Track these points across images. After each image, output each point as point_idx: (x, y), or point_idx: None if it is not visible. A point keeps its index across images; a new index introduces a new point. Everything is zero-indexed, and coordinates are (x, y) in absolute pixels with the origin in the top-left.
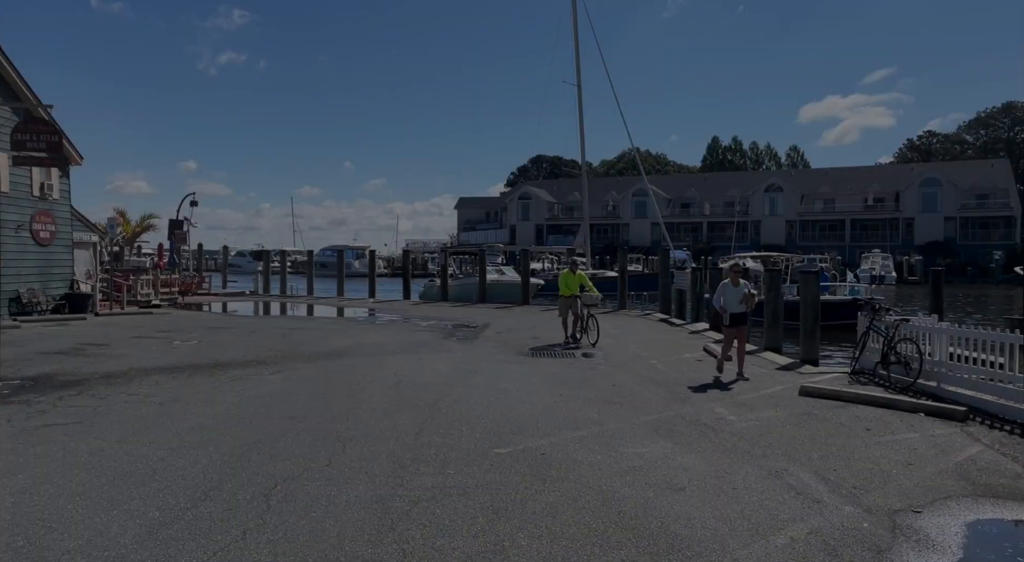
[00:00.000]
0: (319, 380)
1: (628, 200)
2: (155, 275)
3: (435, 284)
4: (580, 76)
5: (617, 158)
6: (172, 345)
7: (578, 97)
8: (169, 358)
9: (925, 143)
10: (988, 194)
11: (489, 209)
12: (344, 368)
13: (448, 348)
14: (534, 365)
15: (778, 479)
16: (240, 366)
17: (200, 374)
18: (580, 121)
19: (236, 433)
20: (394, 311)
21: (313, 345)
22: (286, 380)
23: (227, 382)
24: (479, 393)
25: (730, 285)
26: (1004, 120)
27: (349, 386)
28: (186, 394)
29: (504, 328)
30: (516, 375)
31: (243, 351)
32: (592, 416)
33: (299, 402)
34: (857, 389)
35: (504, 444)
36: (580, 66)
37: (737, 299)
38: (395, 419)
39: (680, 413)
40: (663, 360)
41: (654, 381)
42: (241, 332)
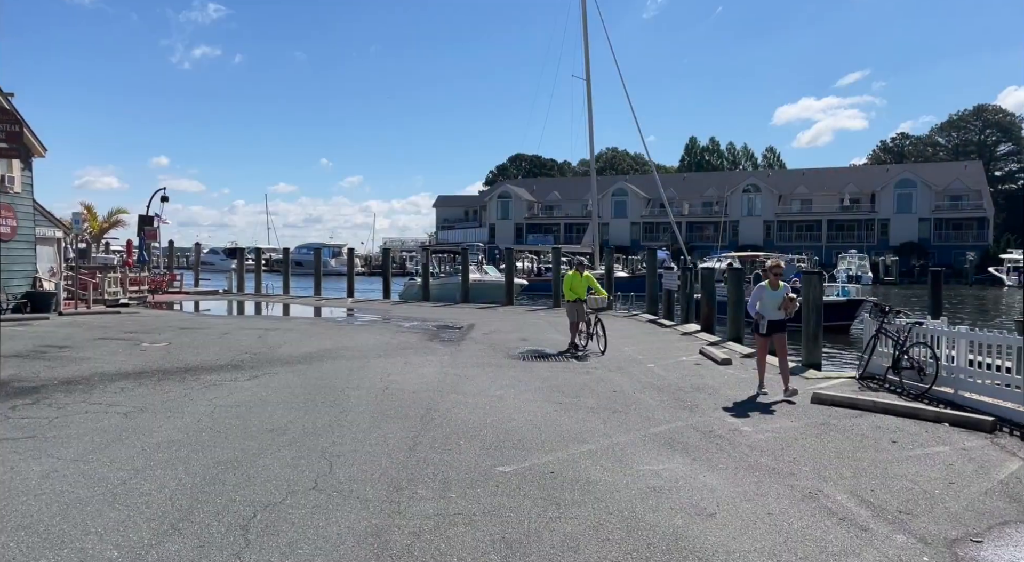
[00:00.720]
0: (299, 386)
1: (607, 199)
2: (123, 273)
3: (416, 283)
4: (589, 70)
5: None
6: (140, 347)
7: (587, 91)
8: (136, 362)
9: (898, 145)
10: (961, 195)
11: (468, 207)
12: (326, 373)
13: (434, 351)
14: (527, 370)
15: (813, 502)
16: (213, 371)
17: (170, 380)
18: (589, 115)
19: (209, 449)
20: (374, 311)
21: (291, 347)
22: (263, 386)
23: (199, 389)
24: (473, 401)
25: (768, 289)
26: (975, 123)
27: (332, 393)
28: (154, 403)
29: (490, 329)
30: (509, 381)
31: (216, 354)
32: (597, 427)
33: (279, 412)
34: (873, 397)
35: (508, 461)
36: (589, 60)
37: (776, 304)
38: (385, 431)
39: (691, 423)
40: (660, 364)
41: (655, 387)
42: (214, 333)
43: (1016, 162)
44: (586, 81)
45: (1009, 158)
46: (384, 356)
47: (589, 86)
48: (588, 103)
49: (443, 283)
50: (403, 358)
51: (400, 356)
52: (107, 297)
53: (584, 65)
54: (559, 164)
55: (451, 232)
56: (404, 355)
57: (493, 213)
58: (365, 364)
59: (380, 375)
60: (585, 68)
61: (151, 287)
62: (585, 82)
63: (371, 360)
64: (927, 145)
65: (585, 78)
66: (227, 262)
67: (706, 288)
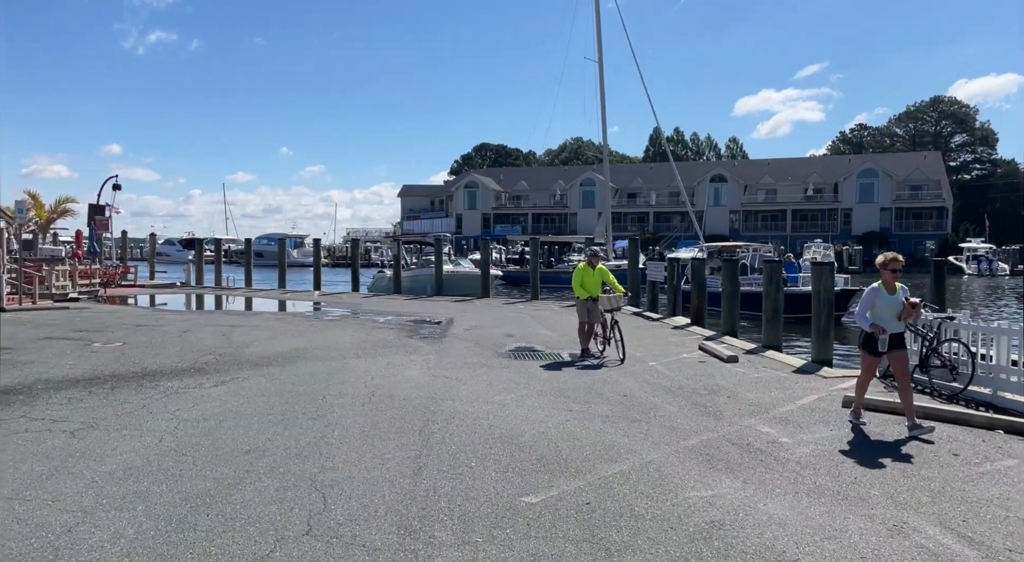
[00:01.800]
0: (274, 394)
1: (576, 190)
2: (73, 265)
3: (385, 275)
4: (602, 52)
5: (560, 148)
6: (91, 348)
7: (599, 74)
8: (86, 366)
9: (857, 136)
10: (921, 185)
11: (434, 197)
12: (302, 377)
13: (416, 349)
14: (522, 370)
15: (905, 538)
16: (174, 375)
17: (125, 387)
18: (601, 98)
19: (175, 479)
20: (344, 305)
21: (260, 346)
22: (233, 394)
23: (159, 398)
24: (473, 409)
25: (882, 291)
26: (931, 114)
27: (313, 402)
28: (106, 417)
29: (471, 325)
30: (507, 384)
31: (177, 355)
32: (620, 440)
33: (254, 427)
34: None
35: (532, 487)
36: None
37: (895, 312)
38: (381, 450)
39: (721, 434)
40: (662, 362)
41: (666, 389)
42: (173, 331)
43: (970, 152)
44: (598, 63)
45: (963, 149)
46: (363, 356)
47: (601, 67)
48: (600, 85)
49: (414, 275)
50: (384, 358)
51: (381, 356)
52: (55, 291)
53: (596, 46)
54: (524, 154)
55: (417, 222)
56: (385, 355)
57: (460, 203)
58: (344, 366)
59: (363, 379)
60: (597, 48)
61: (103, 280)
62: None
63: (350, 361)
64: (885, 136)
65: (597, 60)
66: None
67: (697, 280)
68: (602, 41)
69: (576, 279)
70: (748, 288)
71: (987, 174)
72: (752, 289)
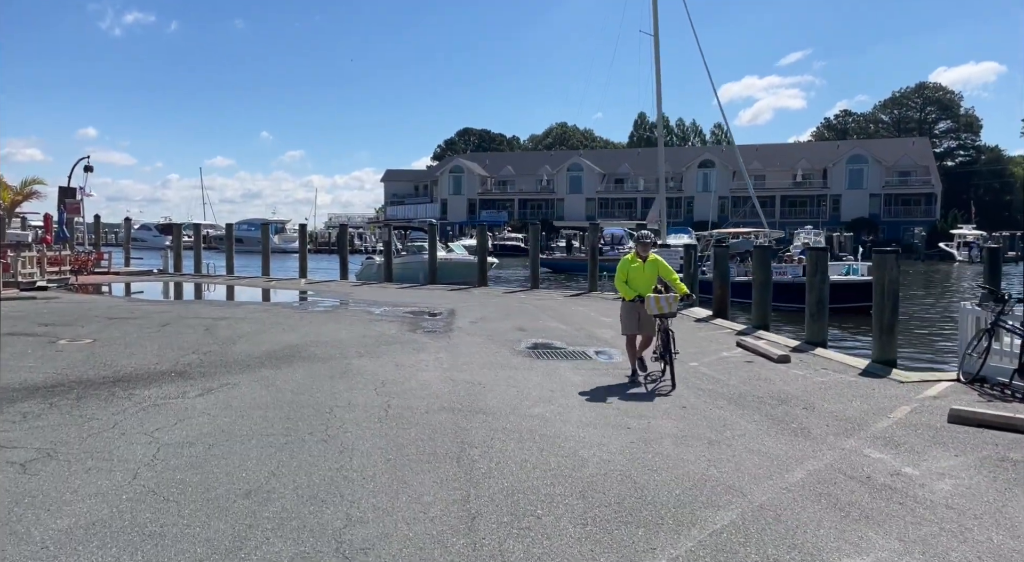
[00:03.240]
0: (272, 405)
1: (563, 175)
2: (41, 251)
3: (374, 262)
4: (658, 25)
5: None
6: (56, 346)
7: (655, 47)
8: (49, 368)
9: (841, 122)
10: (910, 171)
11: (418, 182)
12: (301, 382)
13: (423, 346)
14: (551, 374)
15: None
16: (152, 381)
17: (93, 397)
18: (657, 74)
19: (154, 543)
20: (334, 294)
21: (249, 343)
22: (223, 406)
23: (134, 413)
24: (511, 425)
25: None
26: (916, 100)
27: (319, 417)
28: (68, 441)
29: (476, 317)
30: (538, 390)
31: (155, 354)
32: (709, 472)
33: (252, 454)
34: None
35: (629, 552)
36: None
37: None
38: (416, 489)
39: (828, 462)
40: (704, 362)
41: (727, 398)
42: (151, 324)
43: (955, 139)
44: (654, 36)
45: (948, 135)
46: (367, 355)
47: (657, 41)
48: (656, 60)
49: (406, 262)
50: (390, 357)
51: (386, 354)
52: (21, 280)
53: (652, 19)
54: (508, 139)
55: (400, 207)
56: (390, 353)
57: (445, 188)
58: (347, 367)
59: (372, 384)
60: (653, 22)
61: (74, 267)
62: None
63: (352, 361)
64: (870, 122)
65: (653, 34)
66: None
67: (720, 268)
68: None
69: (620, 274)
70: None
71: (971, 160)
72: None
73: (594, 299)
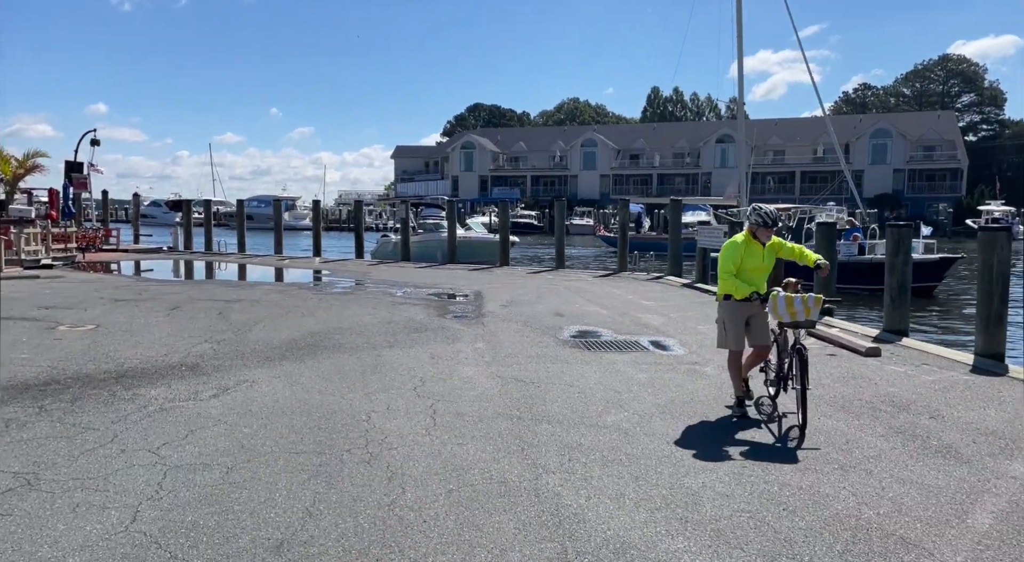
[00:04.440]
0: (298, 410)
1: (576, 151)
2: (45, 228)
3: (390, 241)
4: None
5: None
6: (55, 333)
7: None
8: (45, 361)
9: (860, 96)
10: (935, 146)
11: (428, 159)
12: (329, 379)
13: (458, 335)
14: (606, 367)
15: None
16: (160, 376)
17: (91, 398)
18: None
19: None
20: (350, 273)
21: (266, 329)
22: (242, 411)
23: (137, 421)
24: (588, 442)
25: None
26: (939, 73)
27: (356, 426)
28: (56, 462)
29: (506, 300)
30: (602, 392)
31: (164, 343)
32: (865, 515)
33: (280, 484)
34: None
35: None
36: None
37: None
38: (497, 542)
39: (1012, 499)
40: None
41: (830, 403)
42: (159, 308)
43: (977, 113)
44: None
45: (970, 109)
46: (397, 345)
47: (739, 14)
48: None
49: (423, 241)
50: (424, 347)
51: (418, 344)
52: (24, 257)
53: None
54: (518, 114)
55: (411, 184)
56: (422, 342)
57: (456, 165)
58: (378, 360)
59: (409, 382)
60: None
61: (81, 244)
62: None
63: (383, 352)
64: (890, 95)
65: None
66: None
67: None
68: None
69: (726, 262)
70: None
71: (994, 135)
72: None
73: (626, 280)
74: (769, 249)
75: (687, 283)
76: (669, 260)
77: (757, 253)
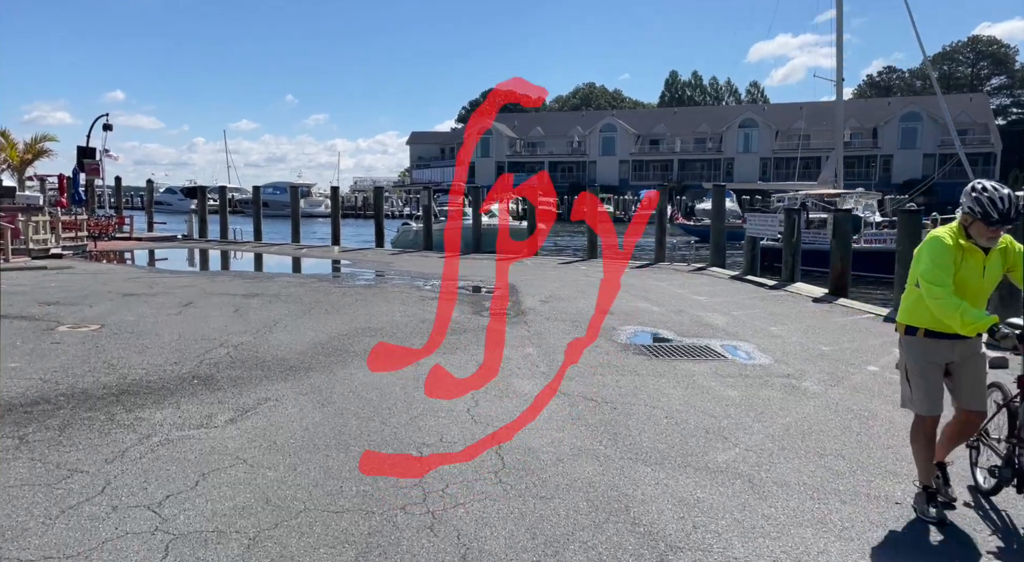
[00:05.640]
0: (334, 444)
1: (595, 136)
2: (55, 215)
3: (411, 229)
4: None
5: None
6: (54, 335)
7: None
8: (37, 371)
9: (885, 80)
10: (968, 129)
11: (444, 145)
12: (366, 397)
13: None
14: (684, 380)
15: None
16: (168, 393)
17: (85, 424)
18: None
19: None
20: (372, 264)
21: (288, 331)
22: (265, 446)
23: (136, 460)
24: (706, 495)
25: None
26: (968, 54)
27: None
28: (25, 529)
29: (545, 295)
30: (695, 416)
31: (173, 348)
32: None
33: None
34: None
35: None
36: None
37: None
38: None
39: None
40: (888, 368)
41: None
42: (171, 303)
43: (1008, 96)
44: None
45: (1001, 92)
46: (436, 350)
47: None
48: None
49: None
50: (467, 353)
51: (460, 349)
52: (33, 246)
53: None
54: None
55: (426, 171)
56: (463, 345)
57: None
58: (418, 371)
59: (461, 402)
60: None
61: (93, 232)
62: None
63: (421, 360)
64: (916, 78)
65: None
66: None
67: (841, 238)
68: None
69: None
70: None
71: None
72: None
73: (667, 271)
74: (996, 257)
75: (735, 275)
76: (712, 250)
77: (976, 263)
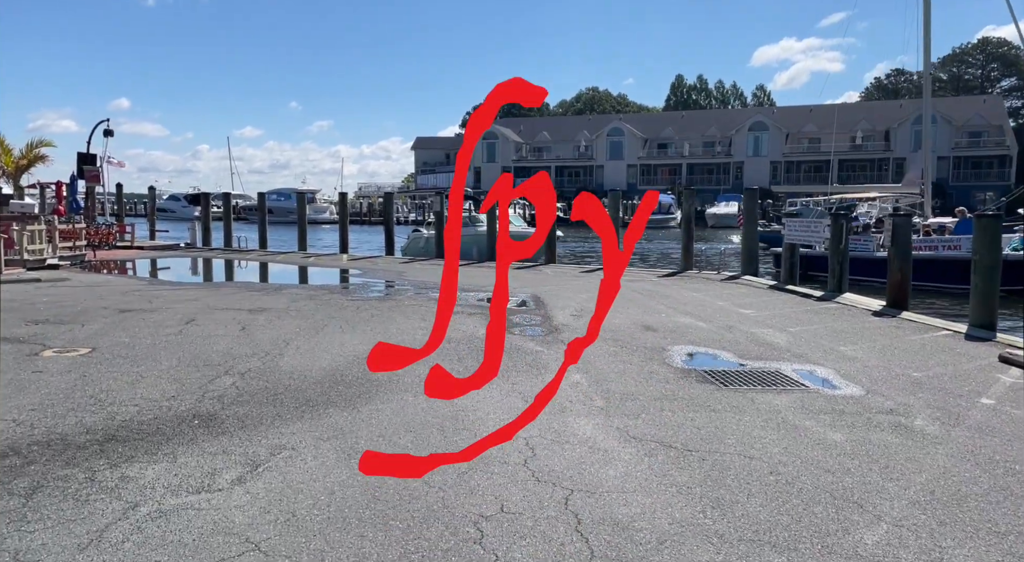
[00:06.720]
0: (368, 519)
1: (602, 140)
2: (51, 224)
3: (421, 236)
4: None
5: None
6: (37, 362)
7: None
8: (11, 412)
9: (893, 82)
10: (982, 132)
11: (449, 150)
12: (397, 443)
13: (540, 360)
14: (770, 418)
15: None
16: (161, 439)
17: (58, 487)
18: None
19: None
20: (384, 273)
21: (301, 353)
22: (281, 522)
23: (115, 545)
24: None
25: None
26: (978, 56)
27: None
28: None
29: (575, 308)
30: (805, 471)
31: (172, 376)
32: None
33: None
34: None
35: None
36: None
37: None
38: None
39: None
40: (995, 398)
41: None
42: (171, 321)
43: (1019, 98)
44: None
45: (1012, 94)
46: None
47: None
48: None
49: None
50: (508, 382)
51: (500, 378)
52: (27, 257)
53: None
54: None
55: (431, 176)
56: (503, 374)
57: (478, 156)
58: (456, 407)
59: (514, 449)
60: None
61: (92, 241)
62: None
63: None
64: None
65: None
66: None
67: (900, 245)
68: None
69: None
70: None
71: None
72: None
73: (698, 280)
74: None
75: (774, 285)
76: (743, 257)
77: None
